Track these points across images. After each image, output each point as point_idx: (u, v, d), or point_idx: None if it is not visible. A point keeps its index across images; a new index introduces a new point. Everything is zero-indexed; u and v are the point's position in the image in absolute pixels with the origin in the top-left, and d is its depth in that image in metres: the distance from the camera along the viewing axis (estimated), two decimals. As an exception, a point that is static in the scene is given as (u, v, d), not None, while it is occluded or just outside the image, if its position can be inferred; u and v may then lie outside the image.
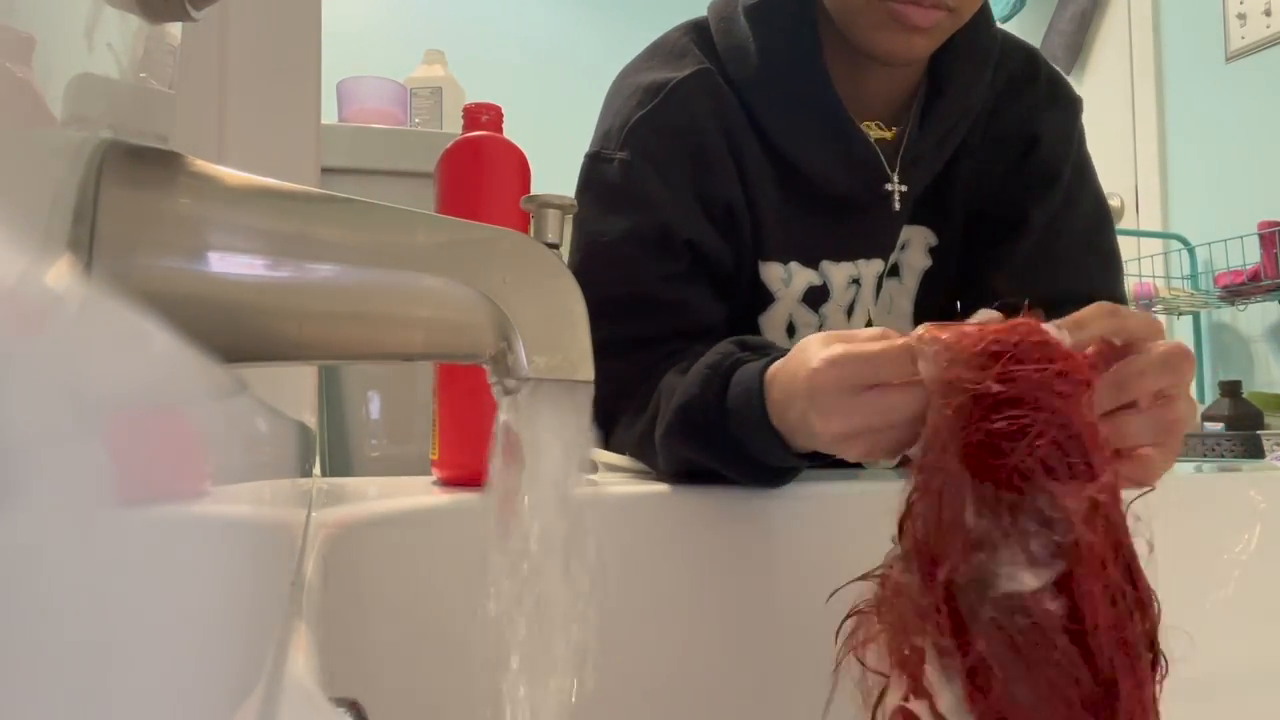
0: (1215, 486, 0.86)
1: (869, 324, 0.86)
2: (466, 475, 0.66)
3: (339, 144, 1.45)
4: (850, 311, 0.86)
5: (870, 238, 0.85)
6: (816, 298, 0.84)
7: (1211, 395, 2.32)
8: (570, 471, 0.34)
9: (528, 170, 0.68)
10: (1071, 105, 0.91)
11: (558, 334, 0.32)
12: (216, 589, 0.18)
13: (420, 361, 0.33)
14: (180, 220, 0.24)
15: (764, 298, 0.83)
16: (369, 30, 3.01)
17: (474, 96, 1.00)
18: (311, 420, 0.66)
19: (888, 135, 0.84)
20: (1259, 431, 2.00)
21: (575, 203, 0.38)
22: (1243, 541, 0.81)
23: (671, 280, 0.77)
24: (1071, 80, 3.06)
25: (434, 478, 0.69)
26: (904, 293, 0.89)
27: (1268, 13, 2.39)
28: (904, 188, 0.83)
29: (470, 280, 0.30)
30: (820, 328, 0.84)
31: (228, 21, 0.41)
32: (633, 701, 0.62)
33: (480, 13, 3.22)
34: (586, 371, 0.33)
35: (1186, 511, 0.81)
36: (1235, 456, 1.96)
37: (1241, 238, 2.26)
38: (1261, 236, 2.22)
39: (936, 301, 0.90)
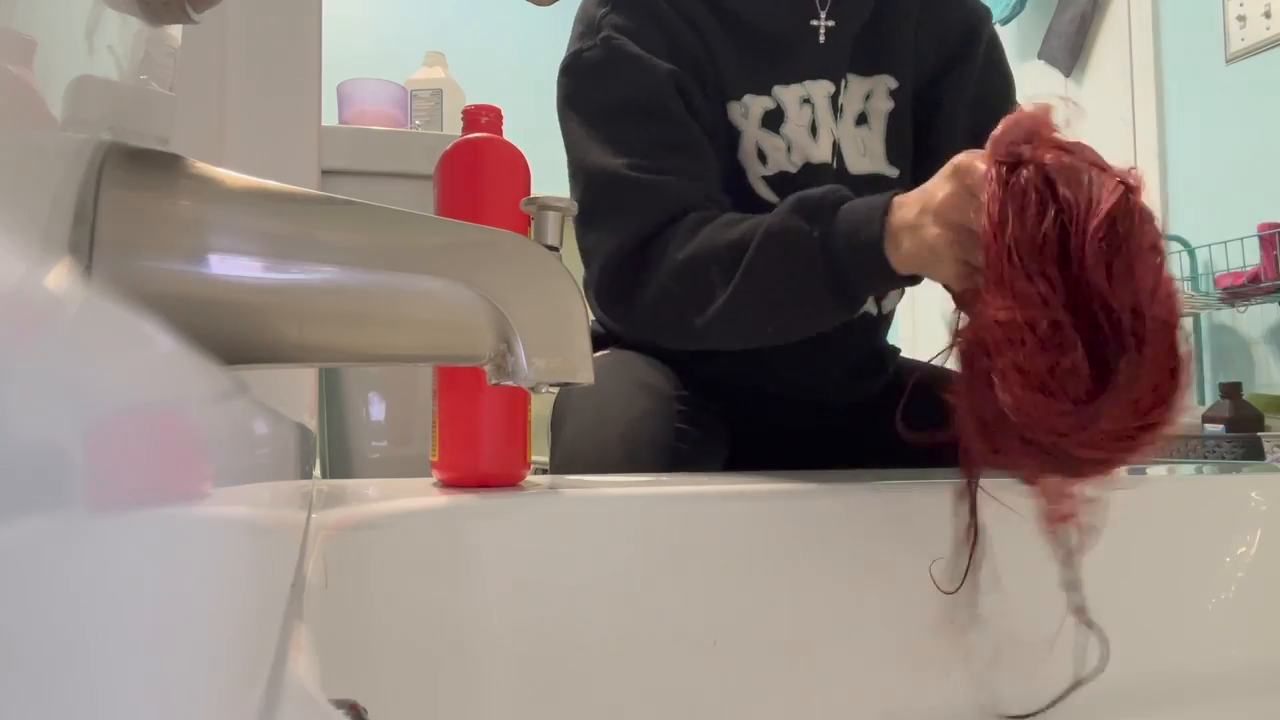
0: (1216, 488, 0.86)
1: (835, 145, 0.97)
2: (467, 476, 0.66)
3: (339, 146, 1.45)
4: (814, 131, 0.96)
5: (809, 64, 0.96)
6: (774, 121, 0.95)
7: (1212, 397, 2.31)
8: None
9: (528, 172, 0.68)
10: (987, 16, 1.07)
11: (558, 336, 0.32)
12: (217, 590, 0.18)
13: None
14: (180, 222, 0.24)
15: (734, 135, 0.95)
16: (369, 32, 3.01)
17: (474, 98, 1.00)
18: (311, 422, 0.66)
19: None
20: (1259, 433, 2.00)
21: (575, 205, 0.38)
22: (1244, 544, 0.81)
23: (685, 122, 0.89)
24: (1071, 81, 3.05)
25: (434, 479, 0.69)
26: (875, 137, 0.99)
27: (1268, 15, 2.39)
28: (831, 23, 0.95)
29: (470, 283, 0.30)
30: (788, 149, 0.95)
31: (228, 24, 0.41)
32: (638, 700, 0.62)
33: (481, 15, 3.22)
34: (586, 374, 0.33)
35: (1187, 513, 0.81)
36: (1236, 458, 1.96)
37: (1241, 239, 2.26)
38: (1261, 238, 2.21)
39: (904, 137, 1.01)
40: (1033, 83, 2.99)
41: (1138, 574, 0.75)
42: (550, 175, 0.95)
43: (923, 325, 2.44)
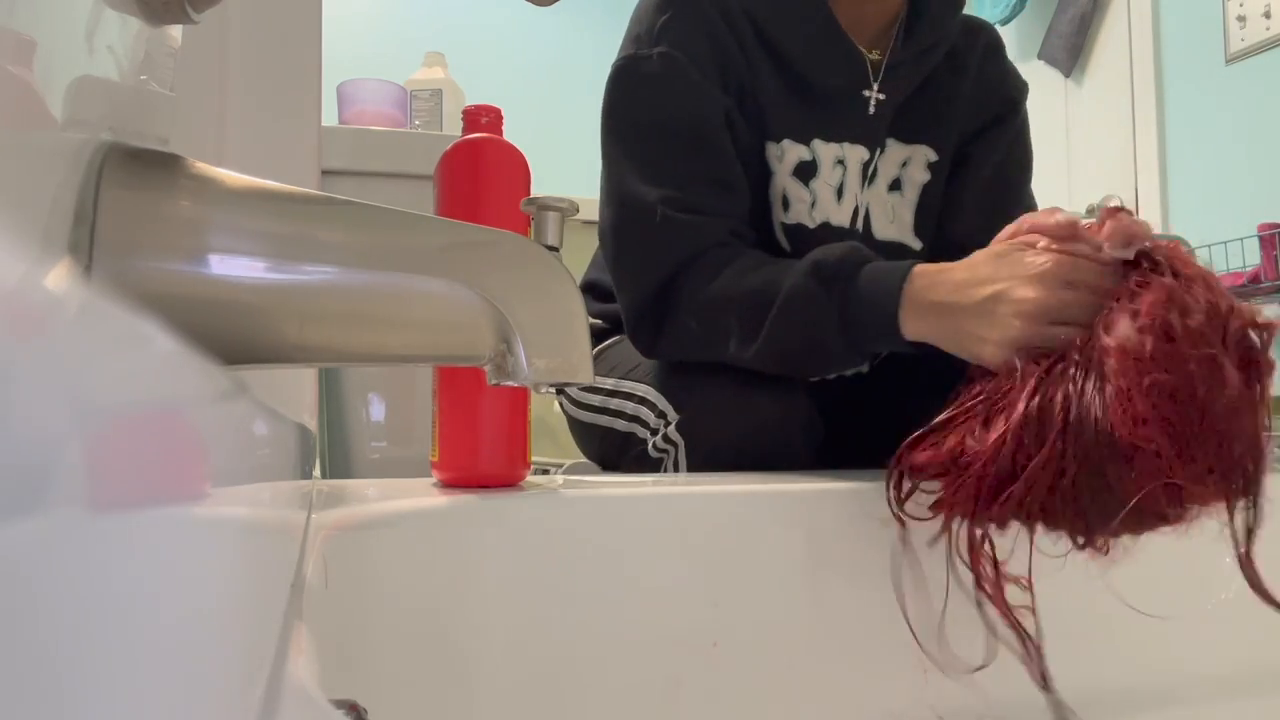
0: (1215, 488, 0.86)
1: (856, 211, 0.98)
2: (466, 477, 0.66)
3: (339, 146, 1.45)
4: (840, 193, 0.97)
5: (852, 129, 0.97)
6: (806, 172, 0.95)
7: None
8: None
9: (528, 172, 0.68)
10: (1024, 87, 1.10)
11: (558, 337, 0.32)
12: (217, 590, 0.18)
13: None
14: (180, 222, 0.24)
15: (766, 174, 0.96)
16: (369, 32, 3.01)
17: (474, 99, 1.00)
18: (311, 422, 0.66)
19: (873, 57, 0.97)
20: (1259, 433, 1.99)
21: (575, 205, 0.38)
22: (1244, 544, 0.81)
23: (727, 158, 0.90)
24: (1071, 82, 3.05)
25: (434, 479, 0.69)
26: (905, 206, 1.00)
27: (1267, 15, 2.40)
28: (882, 95, 0.96)
29: (470, 283, 0.30)
30: (812, 204, 0.96)
31: (228, 24, 0.41)
32: (638, 700, 0.62)
33: (481, 15, 3.22)
34: (586, 374, 0.33)
35: (1186, 513, 0.81)
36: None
37: (1241, 240, 2.26)
38: (1261, 238, 2.22)
39: (933, 212, 1.01)
40: (1032, 83, 2.99)
41: (1138, 574, 0.75)
42: (550, 175, 0.95)
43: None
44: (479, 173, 0.67)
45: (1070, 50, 2.93)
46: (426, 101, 1.74)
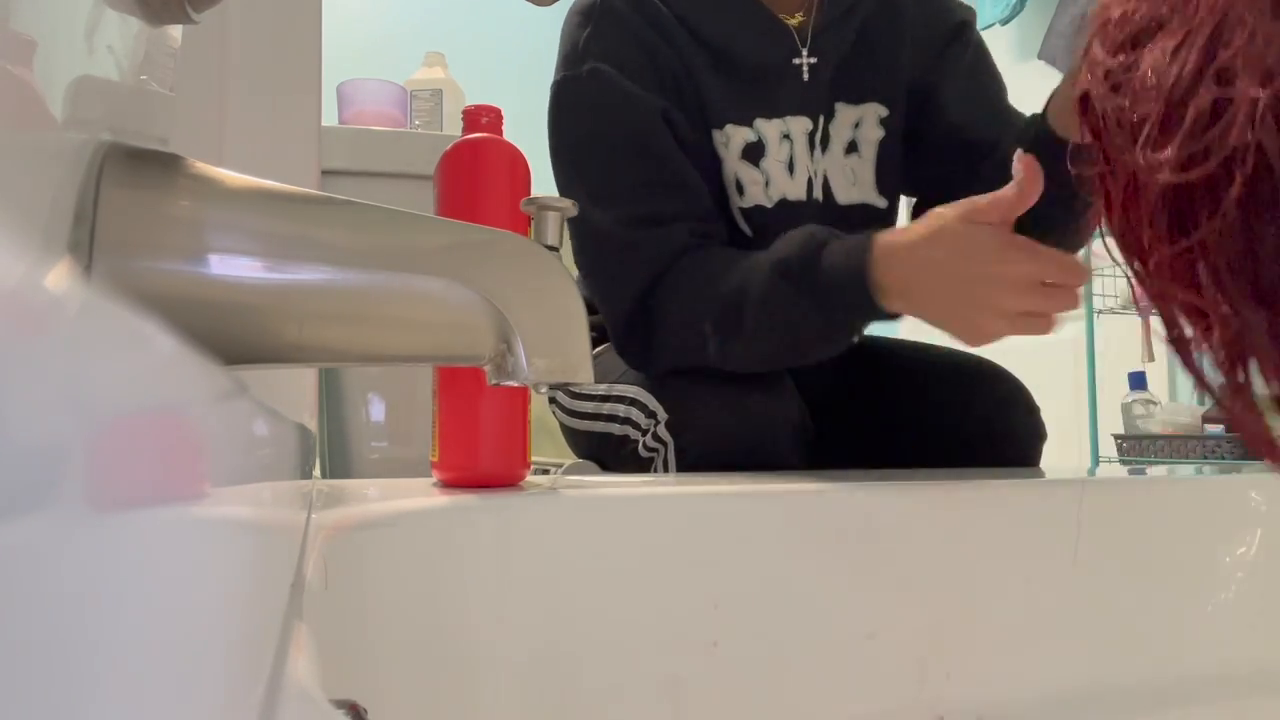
0: (1216, 489, 0.86)
1: (811, 182, 0.97)
2: (467, 477, 0.66)
3: (339, 146, 1.45)
4: (791, 168, 0.96)
5: (791, 100, 0.97)
6: (755, 153, 0.95)
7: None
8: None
9: (528, 172, 0.68)
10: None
11: (557, 336, 0.32)
12: (216, 590, 0.18)
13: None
14: (180, 222, 0.24)
15: (717, 162, 0.96)
16: (369, 32, 3.01)
17: (474, 99, 1.00)
18: (311, 422, 0.66)
19: (794, 22, 0.97)
20: (1259, 433, 1.99)
21: (575, 205, 0.38)
22: (1244, 544, 0.81)
23: (672, 158, 0.90)
24: (1071, 82, 3.05)
25: (434, 479, 0.69)
26: (865, 165, 1.00)
27: (1267, 15, 2.40)
28: (814, 59, 0.96)
29: (470, 283, 0.30)
30: (766, 184, 0.95)
31: (228, 24, 0.41)
32: (638, 700, 0.62)
33: (481, 15, 3.22)
34: (586, 374, 0.33)
35: (1187, 514, 0.81)
36: (1236, 459, 1.96)
37: (1241, 240, 2.25)
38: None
39: (894, 167, 1.01)
40: (1033, 83, 2.99)
41: (1138, 574, 0.75)
42: (550, 175, 0.95)
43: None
44: (479, 173, 0.67)
45: (1070, 50, 2.93)
46: (426, 101, 1.74)
